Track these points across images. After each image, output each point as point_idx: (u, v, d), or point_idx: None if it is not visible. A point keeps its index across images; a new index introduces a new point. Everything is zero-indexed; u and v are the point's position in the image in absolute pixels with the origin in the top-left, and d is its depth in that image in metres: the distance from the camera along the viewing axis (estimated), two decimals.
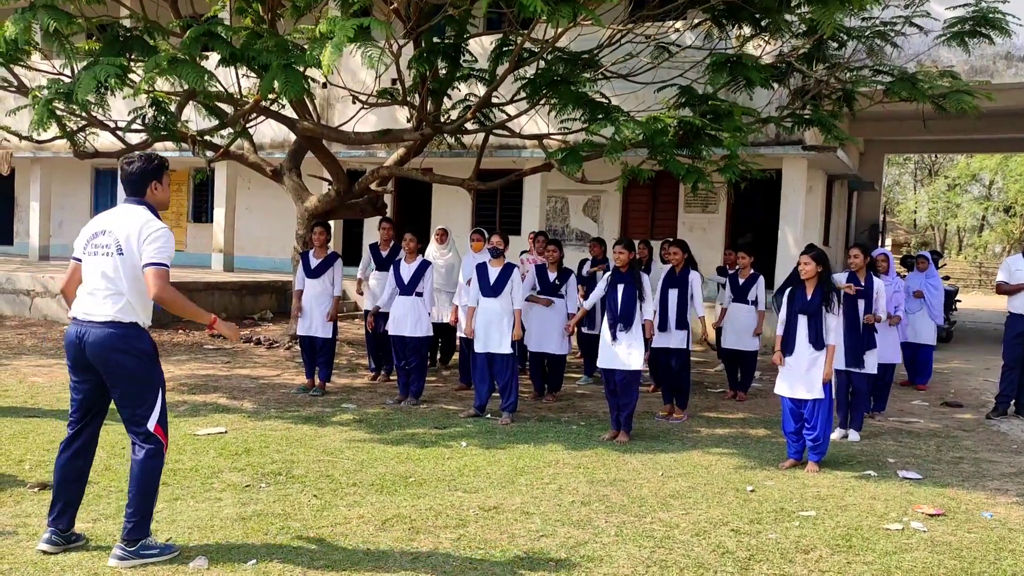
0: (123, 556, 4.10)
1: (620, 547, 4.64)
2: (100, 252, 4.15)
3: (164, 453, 4.27)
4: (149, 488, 4.19)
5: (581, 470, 6.22)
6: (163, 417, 4.24)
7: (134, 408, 4.17)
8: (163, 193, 4.33)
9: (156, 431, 4.20)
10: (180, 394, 8.39)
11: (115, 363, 4.11)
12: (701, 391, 9.89)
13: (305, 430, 7.09)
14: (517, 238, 14.54)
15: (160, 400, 4.22)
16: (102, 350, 4.09)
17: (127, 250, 4.10)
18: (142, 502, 4.17)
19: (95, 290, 4.14)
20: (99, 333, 4.09)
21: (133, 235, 4.11)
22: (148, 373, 4.20)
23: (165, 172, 4.33)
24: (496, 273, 7.78)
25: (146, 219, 4.18)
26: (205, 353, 11.15)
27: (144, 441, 4.19)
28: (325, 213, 12.30)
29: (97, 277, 4.14)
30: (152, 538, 4.22)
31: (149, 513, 4.21)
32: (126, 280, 4.10)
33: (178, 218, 21.20)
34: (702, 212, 16.65)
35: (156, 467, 4.22)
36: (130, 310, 4.13)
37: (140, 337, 4.17)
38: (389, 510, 5.10)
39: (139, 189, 4.25)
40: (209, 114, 10.04)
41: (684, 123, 8.95)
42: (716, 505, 5.50)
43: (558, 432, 7.44)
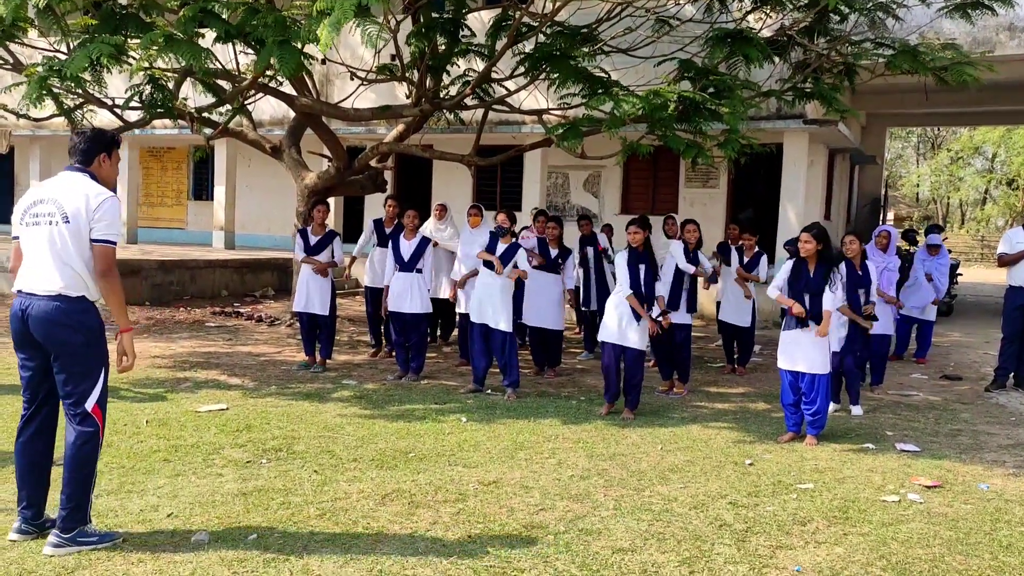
0: (58, 544, 3.95)
1: (619, 520, 4.68)
2: (42, 222, 3.97)
3: (100, 437, 4.10)
4: (83, 474, 4.02)
5: (580, 445, 6.25)
6: (103, 398, 4.09)
7: (74, 385, 4.01)
8: (109, 169, 4.18)
9: (94, 411, 4.03)
10: (182, 371, 8.42)
11: (58, 338, 3.97)
12: (701, 366, 9.92)
13: (306, 406, 7.12)
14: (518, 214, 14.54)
15: (102, 380, 4.08)
16: (46, 325, 3.95)
17: (74, 218, 3.94)
18: (77, 488, 4.00)
19: (39, 262, 3.98)
20: (43, 307, 3.94)
21: (81, 204, 3.95)
22: (93, 350, 4.05)
23: (116, 148, 4.22)
24: (502, 250, 7.76)
25: (93, 188, 4.02)
26: (207, 331, 11.18)
27: (80, 422, 4.03)
28: (325, 190, 12.27)
29: (40, 248, 3.97)
30: (91, 526, 4.07)
31: (86, 500, 4.04)
32: (74, 250, 3.94)
33: (179, 196, 21.21)
34: (703, 187, 16.61)
35: (91, 452, 4.04)
36: (78, 283, 3.98)
37: (87, 312, 4.04)
38: (389, 485, 5.14)
39: (86, 159, 4.10)
40: (207, 91, 9.99)
41: (684, 98, 8.89)
42: (714, 478, 5.54)
43: (558, 407, 7.47)
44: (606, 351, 7.34)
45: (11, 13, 7.21)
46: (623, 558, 4.16)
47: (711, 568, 4.09)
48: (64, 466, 4.04)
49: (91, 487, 4.09)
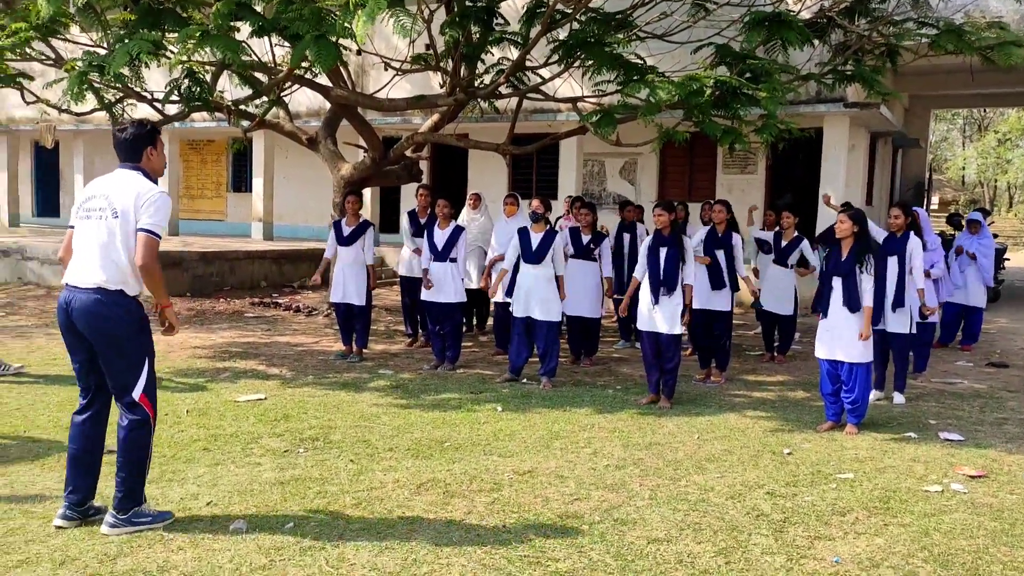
0: (114, 524, 4.08)
1: (654, 510, 4.65)
2: (93, 216, 4.09)
3: (151, 424, 4.20)
4: (137, 459, 4.14)
5: (616, 434, 6.22)
6: (149, 387, 4.18)
7: (120, 376, 4.12)
8: (158, 160, 4.27)
9: (142, 400, 4.14)
10: (221, 361, 8.52)
11: (100, 330, 4.06)
12: (740, 354, 9.81)
13: (342, 396, 7.17)
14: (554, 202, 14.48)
15: (147, 369, 4.16)
16: (87, 317, 4.05)
17: (123, 214, 4.04)
18: (131, 473, 4.13)
19: (85, 256, 4.09)
20: (85, 299, 4.05)
21: (130, 200, 4.05)
22: (135, 341, 4.13)
23: (159, 138, 4.29)
24: (538, 239, 7.74)
25: (144, 184, 4.13)
26: (245, 321, 11.30)
27: (129, 411, 4.14)
28: (360, 180, 12.33)
29: (89, 242, 4.09)
30: (146, 506, 4.20)
31: (140, 483, 4.16)
32: (121, 245, 4.05)
33: (218, 188, 21.44)
34: (741, 173, 16.41)
35: (142, 438, 4.15)
36: (120, 277, 4.06)
37: (126, 304, 4.11)
38: (424, 474, 5.15)
39: (134, 155, 4.20)
40: (243, 83, 10.07)
41: (720, 83, 8.77)
42: (752, 468, 5.48)
43: (594, 396, 7.44)
44: (643, 340, 7.30)
45: (53, 6, 7.31)
46: (658, 548, 4.13)
47: (748, 559, 4.05)
48: (118, 452, 4.17)
49: (144, 472, 4.22)
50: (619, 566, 3.91)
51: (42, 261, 14.02)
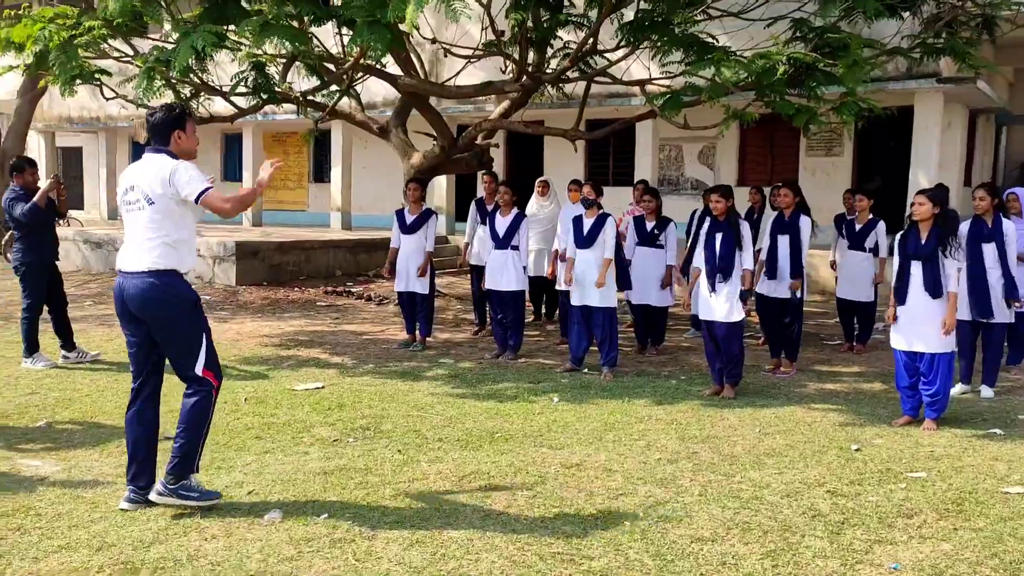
0: (162, 492, 4.20)
1: (702, 507, 4.44)
2: (133, 208, 4.21)
3: (215, 394, 4.33)
4: (197, 424, 4.24)
5: (673, 426, 6.00)
6: (210, 360, 4.29)
7: (179, 354, 4.24)
8: (188, 141, 4.32)
9: (205, 375, 4.27)
10: (287, 349, 8.62)
11: (154, 312, 4.17)
12: (816, 343, 9.42)
13: (399, 385, 7.14)
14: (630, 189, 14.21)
15: (205, 345, 4.26)
16: (140, 300, 4.16)
17: (158, 199, 4.14)
18: (188, 439, 4.22)
19: (134, 242, 4.21)
20: (137, 284, 4.15)
21: (156, 183, 4.14)
22: (189, 320, 4.22)
23: (189, 121, 4.33)
24: (590, 224, 7.57)
25: (165, 163, 4.17)
26: (317, 310, 11.44)
27: (195, 384, 4.27)
28: (430, 169, 12.32)
29: (134, 231, 4.22)
30: (195, 480, 4.29)
31: (195, 451, 4.25)
32: (166, 226, 4.15)
33: (300, 179, 21.84)
34: (825, 155, 15.79)
35: (205, 406, 4.28)
36: (170, 257, 4.16)
37: (177, 285, 4.19)
38: (469, 466, 5.06)
39: (163, 138, 4.27)
40: (311, 74, 10.14)
41: (794, 60, 8.38)
42: (814, 464, 5.20)
43: (655, 387, 7.22)
44: (703, 329, 7.05)
45: (120, 2, 7.46)
46: (701, 548, 3.93)
47: (797, 562, 3.81)
48: (180, 418, 4.27)
49: (201, 441, 4.30)
50: (657, 566, 3.73)
51: None
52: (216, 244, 13.43)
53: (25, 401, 6.44)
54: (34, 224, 7.35)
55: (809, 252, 8.08)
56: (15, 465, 4.98)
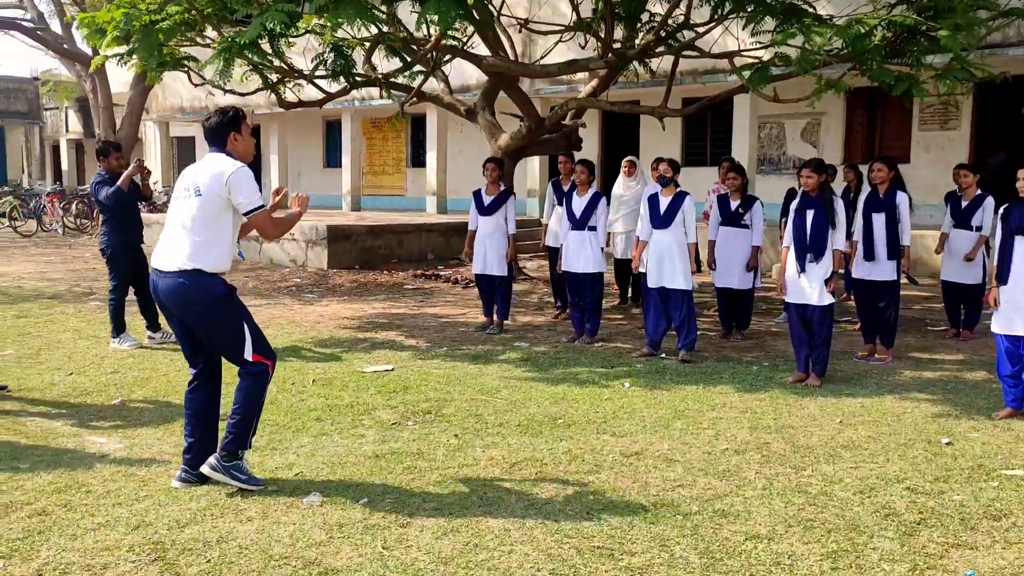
0: (214, 466, 4.21)
1: (764, 502, 4.14)
2: (181, 197, 4.23)
3: (270, 372, 4.30)
4: (251, 404, 4.24)
5: (747, 415, 5.67)
6: (258, 344, 4.26)
7: (226, 347, 4.25)
8: (243, 144, 4.34)
9: (256, 359, 4.24)
10: (365, 332, 8.63)
11: (187, 309, 4.19)
12: (919, 329, 8.83)
13: (469, 368, 7.02)
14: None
15: (248, 331, 4.23)
16: (174, 299, 4.18)
17: (206, 193, 4.14)
18: (243, 417, 4.22)
19: (168, 238, 4.24)
20: (168, 283, 4.17)
21: (213, 178, 4.15)
22: (224, 314, 4.21)
23: (243, 123, 4.34)
24: (666, 203, 7.26)
25: (226, 163, 4.19)
26: (402, 293, 11.47)
27: (247, 367, 4.24)
28: (517, 150, 12.19)
29: (175, 223, 4.22)
30: (246, 463, 4.29)
31: (248, 429, 4.24)
32: (204, 221, 4.15)
33: (398, 164, 22.07)
34: (940, 129, 14.82)
35: (259, 385, 4.26)
36: (199, 256, 4.14)
37: (205, 283, 4.16)
38: (524, 452, 4.89)
39: (220, 141, 4.30)
40: (392, 56, 10.12)
41: (893, 24, 7.82)
42: (897, 459, 4.80)
43: (735, 373, 6.87)
44: (789, 312, 6.67)
45: None
46: (755, 546, 3.65)
47: (861, 565, 3.49)
48: (234, 397, 4.28)
49: (255, 419, 4.32)
50: (703, 565, 3.48)
51: None
52: (308, 228, 13.66)
53: (106, 380, 6.63)
54: (118, 207, 7.55)
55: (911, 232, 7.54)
56: (82, 442, 5.10)
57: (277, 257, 14.16)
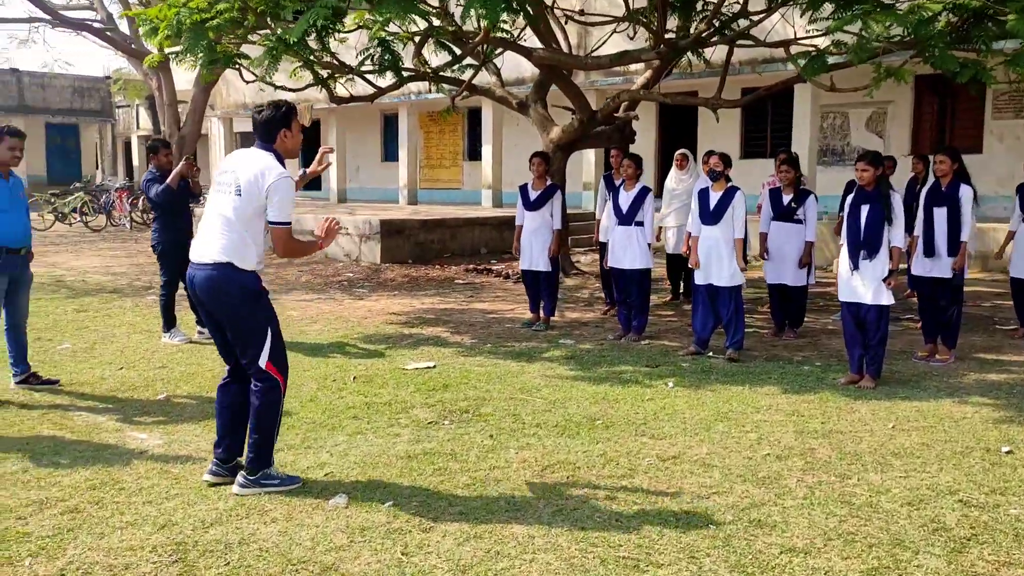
0: (244, 484, 4.19)
1: (803, 512, 3.96)
2: (222, 190, 4.18)
3: (280, 390, 4.23)
4: (266, 423, 4.20)
5: (794, 418, 5.47)
6: (275, 355, 4.20)
7: (243, 346, 4.19)
8: (292, 141, 4.27)
9: (268, 368, 4.17)
10: (411, 327, 8.61)
11: (217, 304, 4.17)
12: (986, 328, 8.44)
13: (511, 366, 6.93)
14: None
15: (269, 338, 4.18)
16: (205, 291, 4.16)
17: (246, 193, 4.09)
18: (259, 437, 4.19)
19: (205, 231, 4.21)
20: (202, 275, 4.15)
21: (255, 178, 4.09)
22: (251, 313, 4.17)
23: (295, 120, 4.26)
24: (716, 198, 7.05)
25: (270, 164, 4.13)
26: (453, 288, 11.44)
27: (258, 378, 4.19)
28: (569, 144, 12.03)
29: (213, 215, 4.19)
30: (275, 468, 4.28)
31: (267, 448, 4.22)
32: (240, 221, 4.11)
33: (455, 157, 22.08)
34: (1015, 117, 14.19)
35: (271, 403, 4.20)
36: (232, 251, 4.11)
37: (239, 278, 4.13)
38: (558, 454, 4.78)
39: (269, 136, 4.22)
40: (439, 49, 10.06)
41: (959, 8, 7.47)
42: (951, 468, 4.56)
43: (784, 373, 6.65)
44: (843, 311, 6.43)
45: None
46: (790, 560, 3.49)
47: None
48: (249, 416, 4.27)
49: (273, 436, 4.29)
50: None
51: None
52: (362, 222, 13.73)
53: (153, 375, 6.72)
54: (168, 204, 7.65)
55: (979, 226, 7.21)
56: (124, 437, 5.16)
57: (332, 251, 14.26)
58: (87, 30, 20.72)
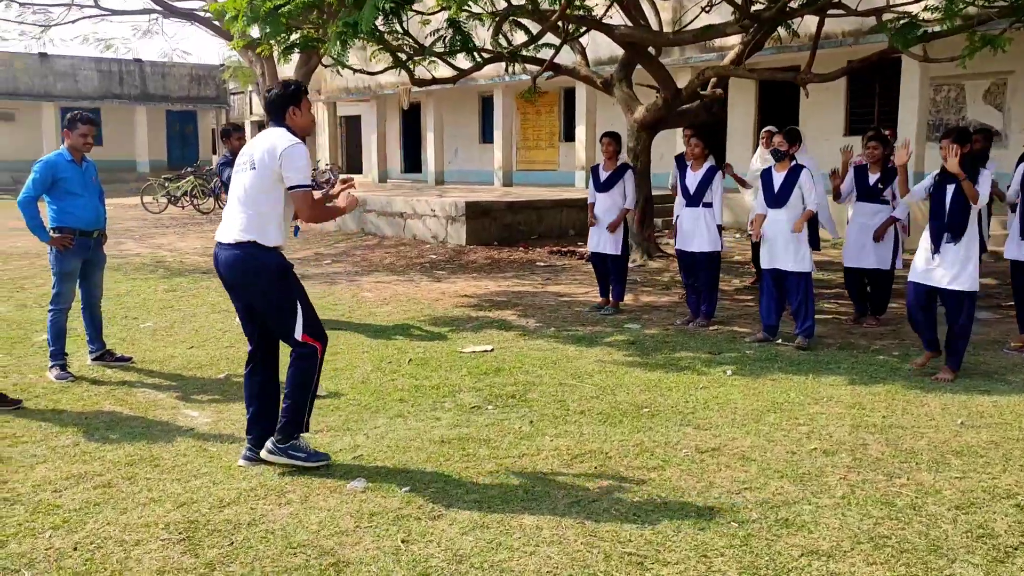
0: (271, 450, 4.25)
1: (837, 512, 3.72)
2: (239, 170, 4.24)
3: (318, 355, 4.26)
4: (300, 387, 4.23)
5: (854, 411, 5.16)
6: (309, 325, 4.23)
7: (275, 322, 4.25)
8: (302, 118, 4.30)
9: (304, 339, 4.22)
10: (479, 310, 8.58)
11: (242, 283, 4.21)
12: None
13: (569, 351, 6.81)
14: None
15: (300, 311, 4.21)
16: (230, 271, 4.21)
17: (260, 165, 4.14)
18: (294, 400, 4.23)
19: (228, 212, 4.26)
20: (226, 255, 4.21)
21: (267, 151, 4.13)
22: (279, 289, 4.19)
23: (303, 97, 4.29)
24: (780, 179, 6.71)
25: (281, 135, 4.17)
26: (533, 270, 11.35)
27: (297, 348, 4.24)
28: (654, 123, 11.73)
29: (232, 196, 4.26)
30: (303, 442, 4.31)
31: (300, 413, 4.25)
32: (258, 196, 4.14)
33: (551, 138, 21.91)
34: None
35: (308, 368, 4.24)
36: (253, 228, 4.14)
37: (261, 255, 4.15)
38: (592, 443, 4.65)
39: (279, 114, 4.27)
40: (516, 29, 9.94)
41: None
42: (1016, 470, 4.21)
43: (855, 363, 6.29)
44: (908, 293, 6.02)
45: None
46: (809, 564, 3.27)
47: None
48: (286, 380, 4.32)
49: (307, 401, 4.31)
50: None
51: (379, 213, 15.34)
52: (448, 204, 13.79)
53: (220, 354, 6.91)
54: None
55: None
56: (176, 415, 5.32)
57: (420, 233, 14.40)
58: (195, 19, 21.52)
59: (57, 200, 6.16)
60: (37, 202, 6.08)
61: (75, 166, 6.23)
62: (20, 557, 3.36)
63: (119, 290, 9.84)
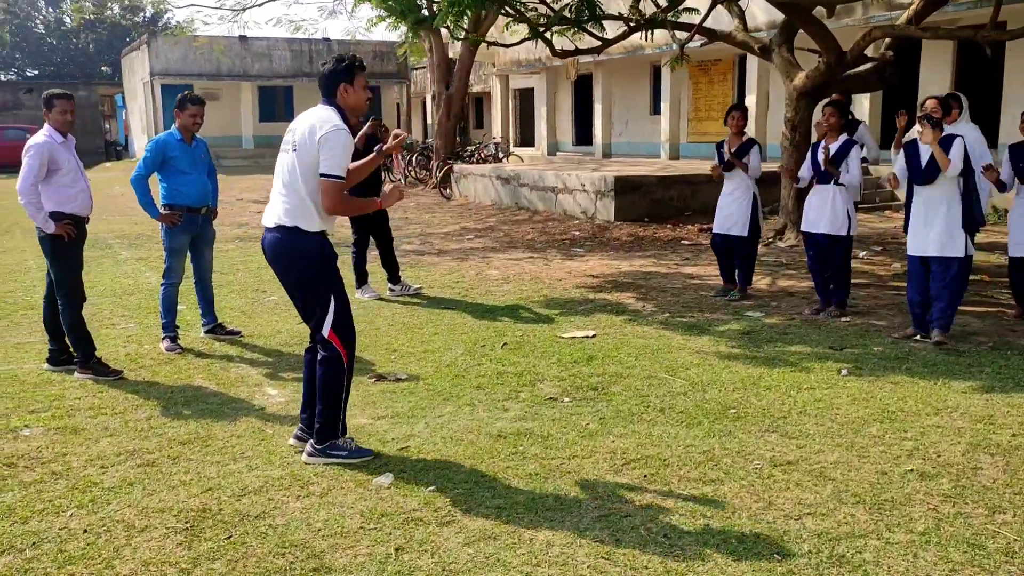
0: (312, 453, 4.14)
1: (908, 552, 3.14)
2: (285, 148, 4.08)
3: (344, 363, 4.07)
4: (329, 395, 4.09)
5: (979, 425, 4.41)
6: (339, 323, 4.05)
7: (307, 312, 4.12)
8: (355, 96, 4.06)
9: (331, 337, 4.05)
10: (599, 292, 8.19)
11: (283, 267, 4.11)
12: None
13: (673, 339, 6.32)
14: None
15: (333, 306, 4.04)
16: (272, 254, 4.12)
17: (300, 146, 3.96)
18: (325, 407, 4.09)
19: (272, 194, 4.13)
20: (269, 239, 4.10)
21: (310, 131, 3.94)
22: (315, 279, 4.05)
23: (356, 74, 4.04)
24: (929, 151, 5.86)
25: (325, 117, 3.96)
26: (674, 249, 10.77)
27: (322, 348, 4.09)
28: (815, 90, 10.77)
29: (276, 178, 4.12)
30: (344, 440, 4.17)
31: (335, 419, 4.11)
32: (300, 179, 3.97)
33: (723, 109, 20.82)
34: None
35: (333, 376, 4.07)
36: (296, 213, 3.98)
37: (303, 241, 4.00)
38: (655, 447, 4.23)
39: (330, 91, 4.05)
40: None
41: None
42: None
43: (1004, 367, 5.42)
44: (1010, 268, 5.10)
45: None
46: None
47: None
48: (316, 385, 4.20)
49: (338, 408, 4.18)
50: None
51: (531, 187, 15.16)
52: (598, 179, 13.38)
53: None
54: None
55: None
56: (256, 392, 5.35)
57: (569, 208, 14.09)
58: None
59: (167, 178, 6.37)
60: (147, 180, 6.32)
61: (184, 145, 6.41)
62: (32, 535, 3.42)
63: (261, 262, 10.21)
